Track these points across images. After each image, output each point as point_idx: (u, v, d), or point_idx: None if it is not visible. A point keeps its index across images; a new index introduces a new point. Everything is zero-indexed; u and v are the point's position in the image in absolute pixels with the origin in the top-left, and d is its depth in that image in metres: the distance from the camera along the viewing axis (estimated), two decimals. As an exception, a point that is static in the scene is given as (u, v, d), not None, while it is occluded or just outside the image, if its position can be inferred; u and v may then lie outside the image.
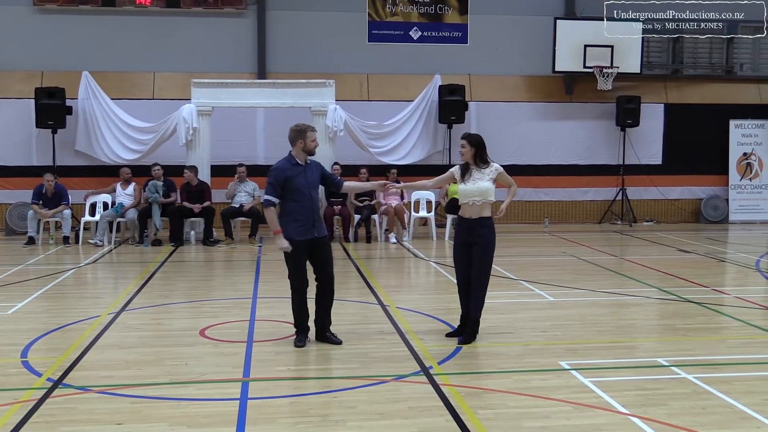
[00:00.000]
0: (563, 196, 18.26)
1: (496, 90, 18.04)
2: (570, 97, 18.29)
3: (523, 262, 12.40)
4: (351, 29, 17.69)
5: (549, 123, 18.14)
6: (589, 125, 18.27)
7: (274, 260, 12.73)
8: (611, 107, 18.02)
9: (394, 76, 17.72)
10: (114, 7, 17.00)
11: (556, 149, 18.10)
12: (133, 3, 17.05)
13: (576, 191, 18.28)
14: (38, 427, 5.05)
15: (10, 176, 16.52)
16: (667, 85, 18.71)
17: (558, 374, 6.21)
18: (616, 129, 18.07)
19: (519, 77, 18.24)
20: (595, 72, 17.48)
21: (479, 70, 17.98)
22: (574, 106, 18.27)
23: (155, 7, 17.16)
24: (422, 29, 17.97)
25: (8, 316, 8.40)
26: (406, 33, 17.94)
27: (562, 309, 8.78)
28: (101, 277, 11.68)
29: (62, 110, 15.94)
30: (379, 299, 9.22)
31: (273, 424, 5.11)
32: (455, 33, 18.02)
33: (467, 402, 5.50)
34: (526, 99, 18.19)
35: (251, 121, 16.99)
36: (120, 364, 6.56)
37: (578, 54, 17.44)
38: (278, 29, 17.51)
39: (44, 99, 15.80)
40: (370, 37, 17.84)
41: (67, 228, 14.45)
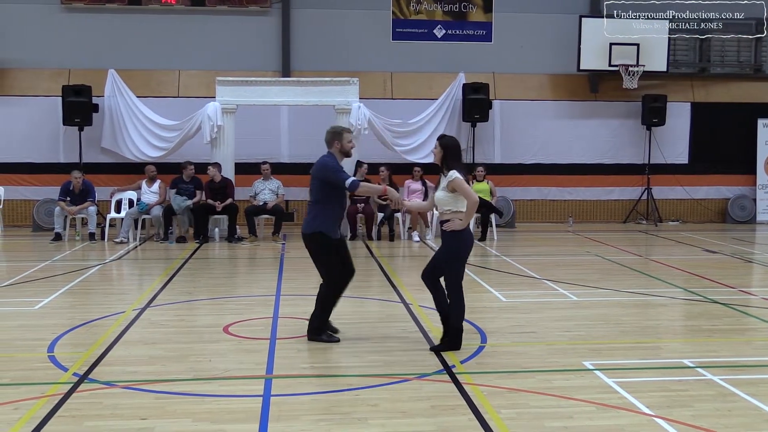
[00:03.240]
0: (588, 195, 18.15)
1: (521, 88, 17.96)
2: (595, 96, 18.17)
3: (547, 262, 12.34)
4: (375, 27, 17.69)
5: (574, 122, 18.03)
6: (615, 124, 18.15)
7: (298, 258, 12.78)
8: (637, 106, 17.88)
9: (418, 75, 17.71)
10: (140, 6, 17.14)
11: (581, 148, 18.00)
12: (159, 1, 17.18)
13: (601, 190, 18.16)
14: (64, 421, 5.10)
15: (37, 173, 16.71)
16: (694, 83, 18.53)
17: (581, 374, 6.18)
18: (642, 128, 17.93)
19: (543, 75, 18.15)
20: (620, 70, 17.35)
21: (503, 69, 17.91)
22: (599, 105, 18.15)
23: (181, 6, 17.26)
24: (446, 27, 17.93)
25: (35, 311, 8.49)
26: (430, 31, 17.91)
27: (586, 309, 8.73)
28: (126, 273, 11.78)
29: (89, 108, 16.10)
30: (402, 298, 9.21)
31: (296, 421, 5.13)
32: (479, 31, 17.97)
33: (490, 401, 5.48)
34: (550, 97, 18.10)
35: (275, 119, 17.05)
36: (144, 359, 6.61)
37: (604, 52, 17.33)
38: (303, 27, 17.55)
39: (71, 97, 15.96)
40: (394, 35, 17.84)
41: (92, 224, 14.59)
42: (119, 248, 13.62)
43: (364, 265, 12.28)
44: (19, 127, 16.67)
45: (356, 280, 11.13)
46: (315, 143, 16.75)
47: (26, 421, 5.06)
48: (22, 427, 4.96)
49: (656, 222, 17.74)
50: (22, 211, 16.76)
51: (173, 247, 13.95)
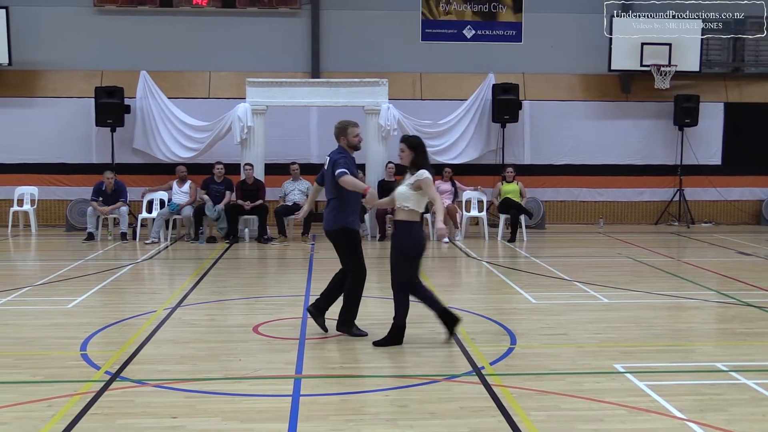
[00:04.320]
0: (619, 197, 17.99)
1: (551, 89, 17.85)
2: (626, 96, 18.00)
3: (577, 263, 12.25)
4: (404, 28, 17.69)
5: (604, 122, 17.89)
6: (646, 124, 17.97)
7: (327, 258, 12.80)
8: (669, 106, 17.69)
9: (447, 75, 17.67)
10: (171, 8, 17.29)
11: (612, 149, 17.84)
12: (190, 3, 17.31)
13: (632, 191, 17.99)
14: (96, 418, 5.16)
15: (70, 173, 16.92)
16: (728, 83, 18.29)
17: (612, 377, 6.12)
18: (674, 128, 17.73)
19: (574, 76, 18.03)
20: (652, 70, 17.17)
21: (533, 69, 17.81)
22: (631, 105, 17.98)
23: (211, 7, 17.38)
24: (476, 28, 17.87)
25: (68, 310, 8.60)
26: (460, 32, 17.87)
27: (616, 311, 8.66)
28: (157, 273, 11.88)
29: (121, 109, 16.27)
30: (431, 298, 9.18)
31: (325, 421, 5.14)
32: (509, 31, 17.89)
33: (519, 403, 5.45)
34: (581, 98, 17.97)
35: (305, 120, 17.11)
36: (175, 358, 6.66)
37: (635, 52, 17.16)
38: (332, 28, 17.59)
39: (104, 98, 16.14)
40: (424, 36, 17.82)
41: (124, 224, 14.74)
42: (150, 248, 13.74)
43: (393, 265, 12.27)
44: (52, 128, 16.88)
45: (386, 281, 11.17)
46: (344, 144, 16.90)
47: (60, 418, 5.13)
48: (56, 424, 5.02)
49: (688, 224, 17.54)
50: (56, 210, 16.98)
51: (204, 247, 14.05)
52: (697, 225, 17.71)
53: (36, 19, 16.99)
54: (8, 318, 8.20)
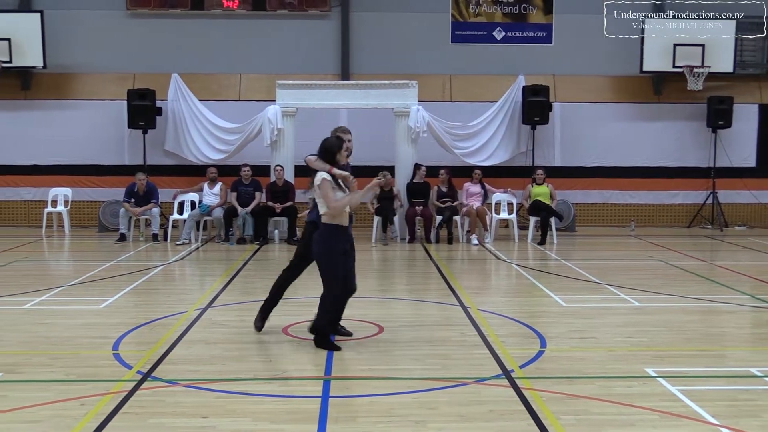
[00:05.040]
0: (650, 199, 17.81)
1: (582, 90, 17.72)
2: (658, 98, 17.83)
3: (608, 266, 12.14)
4: (434, 30, 17.67)
5: (636, 124, 17.72)
6: (679, 126, 17.77)
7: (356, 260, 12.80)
8: (702, 108, 17.48)
9: (477, 77, 17.62)
10: (202, 11, 17.43)
11: (644, 151, 17.67)
12: (221, 6, 17.44)
13: (664, 194, 17.79)
14: (128, 417, 5.21)
15: (103, 175, 17.13)
16: (762, 84, 18.04)
17: (644, 381, 6.06)
18: (707, 130, 17.52)
19: (605, 77, 17.89)
20: (685, 72, 16.99)
21: (564, 70, 17.70)
22: (663, 107, 17.80)
23: (242, 10, 17.50)
24: (506, 29, 17.81)
25: (101, 310, 8.69)
26: (490, 33, 17.81)
27: (648, 315, 8.57)
28: (188, 273, 11.97)
29: (152, 111, 16.44)
30: (461, 301, 9.17)
31: (354, 423, 5.14)
32: (539, 33, 17.80)
33: (549, 407, 5.41)
34: (612, 99, 17.82)
35: (334, 122, 16.96)
36: (206, 359, 6.71)
37: (667, 53, 16.98)
38: (362, 30, 17.63)
39: (136, 100, 16.32)
40: (453, 37, 17.79)
41: (156, 226, 14.88)
42: (181, 249, 13.86)
43: (423, 268, 12.28)
44: (86, 130, 17.10)
45: (415, 283, 11.22)
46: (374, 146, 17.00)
47: (92, 416, 5.18)
48: (89, 422, 5.08)
49: (722, 227, 17.31)
50: (89, 212, 17.18)
51: (234, 248, 14.14)
52: (731, 228, 17.48)
53: (70, 23, 17.21)
54: (42, 317, 8.32)
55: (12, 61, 16.48)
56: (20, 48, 16.51)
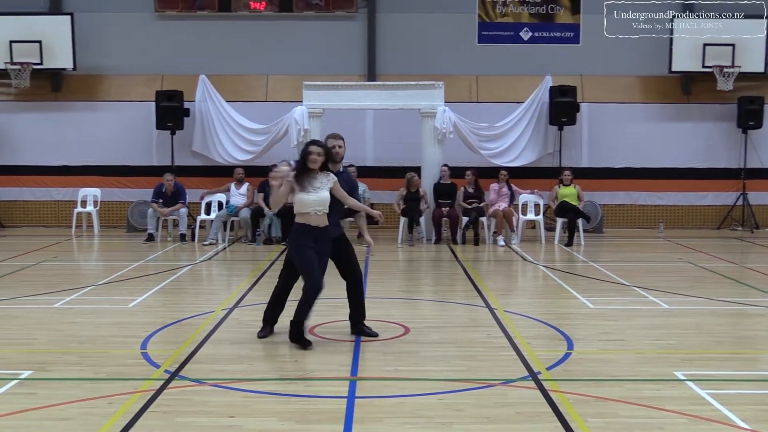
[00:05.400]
0: (679, 200, 17.63)
1: (609, 91, 17.58)
2: (687, 98, 17.64)
3: (636, 268, 12.03)
4: (460, 31, 17.62)
5: (665, 125, 17.55)
6: (708, 127, 17.57)
7: (383, 261, 12.84)
8: (732, 108, 17.27)
9: (504, 78, 17.55)
10: (229, 12, 17.53)
11: (673, 151, 17.49)
12: (248, 8, 17.53)
13: (693, 195, 17.59)
14: (156, 416, 5.25)
15: (131, 175, 17.28)
16: (793, 84, 17.79)
17: (673, 384, 5.99)
18: (737, 131, 17.30)
19: (633, 77, 17.74)
20: (714, 72, 16.80)
21: (591, 71, 17.58)
22: (692, 107, 17.61)
23: (269, 12, 17.58)
24: (533, 30, 17.72)
25: (129, 309, 8.77)
26: (517, 34, 17.74)
27: (677, 317, 8.48)
28: (215, 274, 12.04)
29: (180, 112, 16.56)
30: (487, 302, 9.14)
31: (380, 423, 5.14)
32: (567, 33, 17.69)
33: (576, 409, 5.37)
34: (640, 100, 17.67)
35: (360, 123, 17.17)
36: (232, 358, 6.74)
37: (697, 53, 16.80)
38: (388, 31, 17.63)
39: (164, 102, 16.45)
40: (480, 38, 17.73)
41: (183, 226, 14.99)
42: (209, 249, 13.95)
43: (449, 269, 12.26)
44: (115, 131, 17.27)
45: (441, 284, 11.20)
46: (400, 147, 17.00)
47: (121, 415, 5.23)
48: (117, 420, 5.12)
49: (752, 228, 17.09)
50: (117, 212, 17.34)
51: (261, 248, 14.20)
52: (762, 230, 17.24)
53: (99, 25, 17.38)
54: (72, 316, 8.41)
55: (43, 63, 16.68)
56: (51, 50, 16.71)
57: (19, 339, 7.43)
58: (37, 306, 8.90)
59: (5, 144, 17.35)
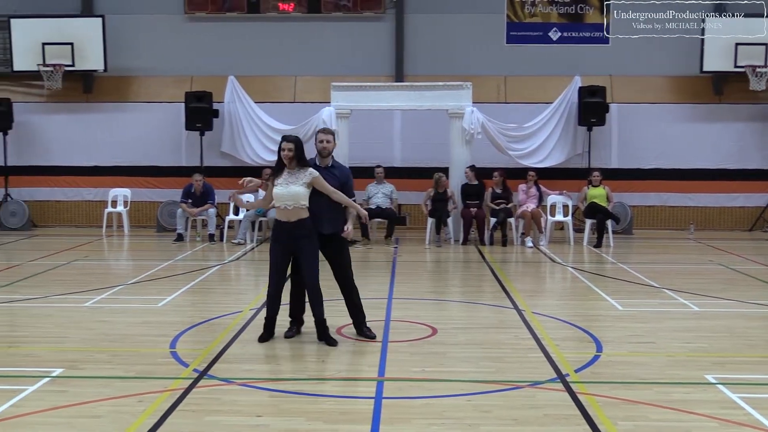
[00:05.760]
0: (710, 202, 17.42)
1: (639, 91, 17.42)
2: (719, 98, 17.43)
3: (666, 270, 11.92)
4: (489, 31, 17.56)
5: (696, 125, 17.35)
6: (740, 127, 17.34)
7: (410, 261, 12.83)
8: (764, 108, 17.04)
9: (533, 78, 17.45)
10: (258, 14, 17.61)
11: (704, 152, 17.27)
12: (277, 9, 17.61)
13: (724, 197, 17.37)
14: (185, 415, 5.29)
15: (161, 176, 17.43)
16: (828, 84, 17.50)
17: (703, 388, 5.93)
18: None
19: (663, 78, 17.56)
20: (747, 71, 16.56)
21: (621, 71, 17.43)
22: (724, 108, 17.40)
23: (297, 13, 17.65)
24: (562, 29, 17.61)
25: (158, 309, 8.85)
26: (545, 34, 17.64)
27: (708, 320, 8.38)
28: (244, 274, 12.11)
29: (209, 113, 16.67)
30: (515, 303, 9.10)
31: (407, 424, 5.14)
32: (596, 33, 17.55)
33: (605, 412, 5.33)
34: (671, 100, 17.48)
35: (388, 124, 17.17)
36: (260, 358, 6.78)
37: (728, 53, 16.59)
38: (416, 32, 17.62)
39: (193, 103, 16.57)
40: (508, 38, 17.65)
41: (212, 226, 15.09)
42: (237, 249, 14.02)
43: (477, 270, 12.22)
44: (145, 131, 17.42)
45: (469, 285, 11.17)
46: (428, 147, 16.96)
47: (150, 413, 5.28)
48: (147, 419, 5.17)
49: (785, 230, 16.86)
50: (147, 212, 17.49)
51: (288, 249, 14.22)
52: (795, 232, 17.01)
53: (130, 27, 17.55)
54: (103, 315, 8.50)
55: (74, 65, 16.87)
56: (82, 52, 16.90)
57: (51, 337, 7.53)
58: (68, 305, 9.01)
59: (38, 145, 17.59)
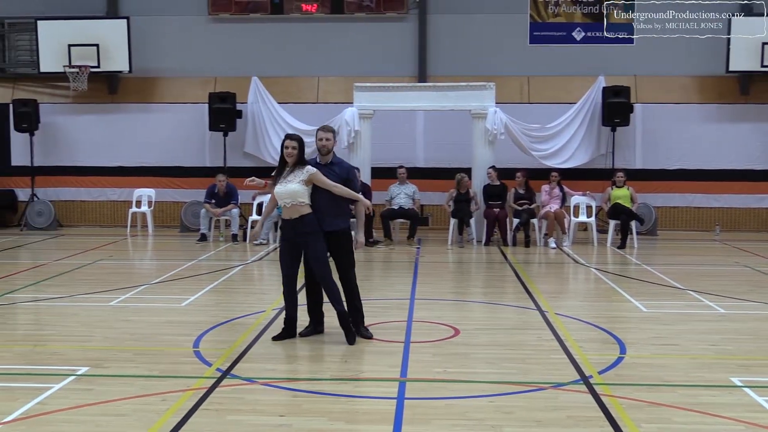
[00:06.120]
0: (736, 203, 17.23)
1: (664, 91, 17.28)
2: (745, 98, 17.24)
3: (691, 271, 11.81)
4: (512, 31, 17.49)
5: (721, 125, 17.17)
6: (767, 128, 17.15)
7: (433, 262, 12.82)
8: (792, 108, 16.85)
9: (556, 78, 17.37)
10: (282, 15, 17.67)
11: (730, 153, 17.10)
12: (300, 10, 17.66)
13: (751, 198, 17.18)
14: (208, 414, 5.32)
15: (185, 176, 17.54)
16: None
17: (729, 391, 5.87)
18: (798, 132, 16.88)
19: (689, 77, 17.40)
20: (774, 71, 16.40)
21: (646, 71, 17.29)
22: (750, 108, 17.21)
23: (320, 14, 17.69)
24: (586, 29, 17.50)
25: (182, 308, 8.91)
26: (569, 34, 17.54)
27: (734, 322, 8.29)
28: (266, 274, 12.14)
29: (233, 114, 16.76)
30: (538, 304, 9.06)
31: (429, 425, 5.13)
32: (620, 33, 17.42)
33: (629, 415, 5.29)
34: (696, 100, 17.32)
35: (411, 124, 17.17)
36: (283, 358, 6.81)
37: (755, 52, 16.41)
38: (439, 32, 17.59)
39: (217, 103, 16.67)
40: (532, 38, 17.58)
41: (235, 226, 15.16)
42: (260, 249, 14.08)
43: (499, 270, 12.18)
44: (169, 132, 17.55)
45: (491, 286, 11.13)
46: (450, 148, 16.93)
47: (173, 412, 5.31)
48: (170, 417, 5.20)
49: (813, 232, 16.65)
50: (171, 212, 17.62)
51: (311, 249, 14.25)
52: (823, 233, 16.79)
53: (154, 29, 17.69)
54: (127, 314, 8.57)
55: (100, 66, 17.03)
56: (107, 53, 17.05)
57: (76, 336, 7.60)
58: (93, 304, 9.09)
59: (63, 145, 17.78)
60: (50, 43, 17.05)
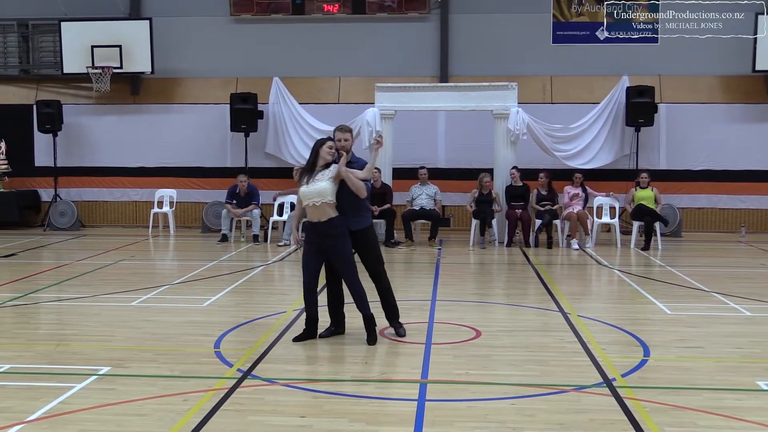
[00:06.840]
0: (763, 204, 17.01)
1: (689, 91, 17.10)
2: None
3: (716, 274, 11.67)
4: (535, 31, 17.40)
5: (747, 126, 16.96)
6: (794, 128, 16.93)
7: (454, 263, 12.77)
8: (819, 108, 16.62)
9: (579, 78, 17.25)
10: (303, 15, 17.69)
11: (756, 153, 16.88)
12: (321, 10, 17.67)
13: (777, 199, 16.98)
14: (229, 414, 5.31)
15: (206, 177, 17.61)
16: None
17: (755, 395, 5.77)
18: (826, 132, 16.63)
19: (714, 77, 17.21)
20: (801, 70, 16.19)
21: (670, 70, 17.13)
22: (777, 108, 17.01)
23: (342, 14, 17.68)
24: (609, 29, 17.35)
25: (203, 309, 8.92)
26: (593, 33, 17.41)
27: (760, 325, 8.18)
28: (287, 274, 12.15)
29: (254, 114, 16.80)
30: (560, 306, 8.98)
31: (450, 427, 5.09)
32: (645, 32, 17.27)
33: (653, 418, 5.22)
34: (722, 100, 17.12)
35: (432, 124, 17.12)
36: (303, 359, 6.79)
37: (781, 51, 16.21)
38: (461, 32, 17.53)
39: (238, 104, 16.72)
40: (555, 38, 17.47)
41: (256, 227, 15.19)
42: (281, 250, 14.10)
43: (521, 272, 12.11)
44: (190, 133, 17.64)
45: (514, 287, 11.07)
46: (472, 148, 16.87)
47: (194, 412, 5.31)
48: (191, 418, 5.20)
49: (840, 233, 16.40)
50: (192, 213, 17.70)
51: (332, 249, 14.25)
52: None
53: (177, 30, 17.78)
54: (149, 315, 8.60)
55: (122, 67, 17.14)
56: (130, 54, 17.16)
57: (98, 336, 7.64)
58: (115, 304, 9.14)
59: (86, 146, 17.91)
60: (73, 44, 17.19)
